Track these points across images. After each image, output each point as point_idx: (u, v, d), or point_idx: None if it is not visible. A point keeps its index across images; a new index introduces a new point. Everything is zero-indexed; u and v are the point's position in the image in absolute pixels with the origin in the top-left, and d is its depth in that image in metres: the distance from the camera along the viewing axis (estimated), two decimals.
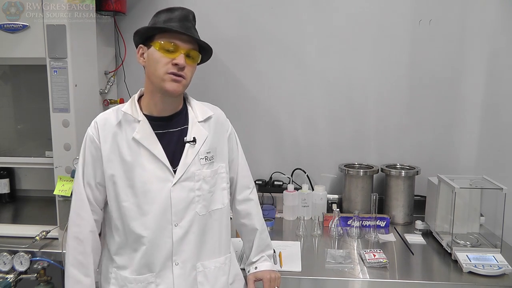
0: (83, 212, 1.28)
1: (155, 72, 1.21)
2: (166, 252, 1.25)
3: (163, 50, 1.19)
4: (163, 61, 1.19)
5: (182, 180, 1.25)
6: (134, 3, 2.16)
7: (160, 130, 1.26)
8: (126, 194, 1.23)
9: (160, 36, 1.21)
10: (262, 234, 1.46)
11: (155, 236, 1.24)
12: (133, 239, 1.25)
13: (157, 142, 1.24)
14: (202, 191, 1.28)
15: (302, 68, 2.19)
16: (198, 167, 1.27)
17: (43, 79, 1.67)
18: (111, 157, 1.24)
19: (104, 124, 1.26)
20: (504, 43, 2.06)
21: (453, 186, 1.68)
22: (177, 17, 1.22)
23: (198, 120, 1.31)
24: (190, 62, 1.23)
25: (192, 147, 1.27)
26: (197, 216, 1.27)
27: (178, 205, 1.24)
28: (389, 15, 2.11)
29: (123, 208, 1.24)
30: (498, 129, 2.13)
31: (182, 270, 1.26)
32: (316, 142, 2.24)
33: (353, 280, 1.52)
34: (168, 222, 1.24)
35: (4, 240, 1.73)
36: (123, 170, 1.23)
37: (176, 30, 1.19)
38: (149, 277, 1.25)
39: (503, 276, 1.52)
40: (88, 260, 1.29)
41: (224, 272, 1.34)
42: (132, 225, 1.24)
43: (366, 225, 1.96)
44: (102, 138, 1.25)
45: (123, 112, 1.25)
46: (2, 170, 2.21)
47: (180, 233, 1.25)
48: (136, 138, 1.23)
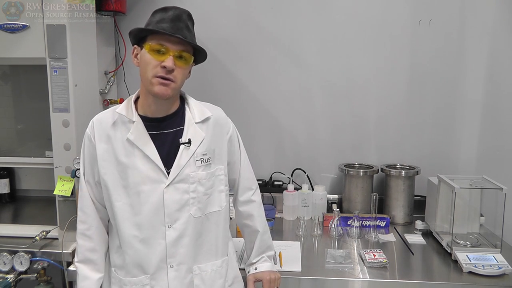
0: (87, 209, 1.31)
1: (144, 74, 1.20)
2: (159, 254, 1.24)
3: (152, 52, 1.18)
4: (152, 63, 1.18)
5: (176, 182, 1.24)
6: (134, 3, 2.16)
7: (154, 131, 1.25)
8: (119, 194, 1.24)
9: (151, 38, 1.20)
10: (264, 235, 1.46)
11: (147, 237, 1.24)
12: (125, 239, 1.25)
13: (150, 143, 1.23)
14: (197, 193, 1.27)
15: (302, 68, 2.19)
16: (193, 169, 1.26)
17: (43, 79, 1.67)
18: (105, 157, 1.24)
19: (100, 123, 1.27)
20: (504, 43, 2.07)
21: (453, 186, 1.68)
22: (169, 18, 1.20)
23: (195, 121, 1.29)
24: (182, 64, 1.20)
25: (187, 148, 1.25)
26: (191, 218, 1.26)
27: (171, 206, 1.24)
28: (389, 15, 2.11)
29: (115, 208, 1.24)
30: (498, 129, 2.13)
31: (177, 273, 1.26)
32: (316, 142, 2.24)
33: (353, 280, 1.52)
34: (161, 223, 1.24)
35: (4, 240, 1.73)
36: (117, 170, 1.23)
37: (163, 32, 1.17)
38: (143, 279, 1.25)
39: (503, 276, 1.52)
40: (96, 255, 1.31)
41: (221, 275, 1.34)
42: (124, 225, 1.24)
43: (366, 225, 1.96)
44: (97, 138, 1.25)
45: (118, 113, 1.25)
46: (2, 170, 2.21)
47: (174, 235, 1.24)
48: (130, 139, 1.22)
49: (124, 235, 1.25)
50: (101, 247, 1.32)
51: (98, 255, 1.32)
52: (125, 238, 1.25)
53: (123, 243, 1.26)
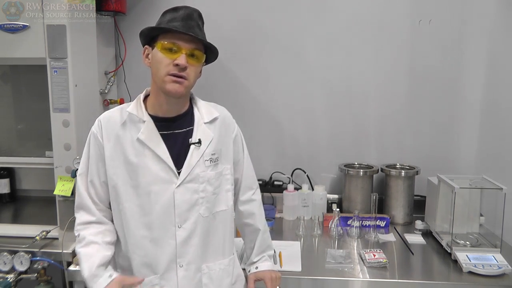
0: (87, 203, 1.28)
1: (157, 73, 1.20)
2: (169, 254, 1.24)
3: (165, 50, 1.18)
4: (164, 61, 1.18)
5: (186, 182, 1.24)
6: (134, 3, 2.16)
7: (165, 131, 1.25)
8: (128, 194, 1.23)
9: (162, 37, 1.20)
10: (264, 234, 1.46)
11: (157, 237, 1.24)
12: (134, 240, 1.24)
13: (161, 143, 1.23)
14: (206, 192, 1.27)
15: (302, 68, 2.19)
16: (203, 169, 1.27)
17: (43, 79, 1.67)
18: (114, 157, 1.24)
19: (108, 122, 1.26)
20: (504, 43, 2.06)
21: (453, 186, 1.68)
22: (180, 17, 1.21)
23: (204, 121, 1.30)
24: (194, 62, 1.21)
25: (197, 148, 1.26)
26: (200, 218, 1.26)
27: (182, 206, 1.24)
28: (389, 15, 2.11)
29: (124, 209, 1.24)
30: (498, 129, 2.13)
31: (187, 272, 1.26)
32: (316, 142, 2.24)
33: (353, 280, 1.52)
34: (171, 223, 1.24)
35: (4, 240, 1.73)
36: (126, 170, 1.23)
37: (175, 30, 1.18)
38: (153, 279, 1.25)
39: (503, 276, 1.52)
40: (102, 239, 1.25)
41: (229, 274, 1.35)
42: (133, 225, 1.23)
43: (366, 225, 1.96)
44: (106, 137, 1.24)
45: (128, 112, 1.25)
46: (2, 170, 2.21)
47: (184, 235, 1.24)
48: (140, 139, 1.22)
49: (133, 236, 1.24)
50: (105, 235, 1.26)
51: (107, 238, 1.26)
52: (134, 238, 1.24)
53: (131, 244, 1.25)
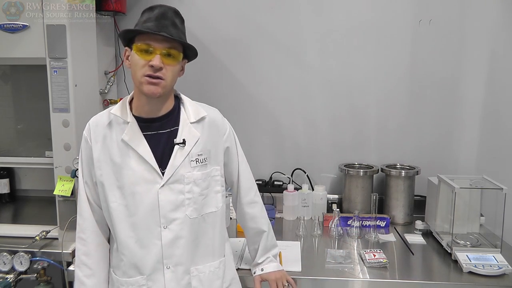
0: (84, 213, 1.31)
1: (135, 74, 1.20)
2: (155, 255, 1.24)
3: (140, 52, 1.18)
4: (140, 63, 1.18)
5: (171, 183, 1.24)
6: (134, 3, 2.16)
7: (149, 132, 1.25)
8: (114, 195, 1.24)
9: (138, 38, 1.20)
10: (269, 235, 1.47)
11: (142, 237, 1.24)
12: (121, 240, 1.25)
13: (145, 144, 1.23)
14: (192, 193, 1.26)
15: (302, 68, 2.19)
16: (188, 170, 1.26)
17: (43, 79, 1.67)
18: (101, 158, 1.25)
19: (96, 125, 1.27)
20: (504, 43, 2.07)
21: (453, 186, 1.68)
22: (154, 16, 1.19)
23: (190, 121, 1.28)
24: (170, 61, 1.19)
25: (182, 149, 1.25)
26: (187, 219, 1.26)
27: (166, 207, 1.23)
28: (389, 15, 2.11)
29: (111, 209, 1.24)
30: (498, 129, 2.13)
31: (174, 274, 1.25)
32: (316, 142, 2.24)
33: (353, 280, 1.52)
34: (156, 224, 1.23)
35: (4, 240, 1.73)
36: (112, 171, 1.24)
37: (147, 31, 1.17)
38: (140, 279, 1.25)
39: (503, 276, 1.52)
40: (91, 259, 1.30)
41: (218, 276, 1.34)
42: (120, 226, 1.24)
43: (366, 225, 1.96)
44: (93, 139, 1.26)
45: (113, 114, 1.26)
46: (2, 170, 2.21)
47: (170, 236, 1.24)
48: (124, 140, 1.23)
49: (120, 236, 1.25)
50: (96, 251, 1.31)
51: (93, 259, 1.31)
52: (121, 239, 1.25)
53: (119, 244, 1.26)
